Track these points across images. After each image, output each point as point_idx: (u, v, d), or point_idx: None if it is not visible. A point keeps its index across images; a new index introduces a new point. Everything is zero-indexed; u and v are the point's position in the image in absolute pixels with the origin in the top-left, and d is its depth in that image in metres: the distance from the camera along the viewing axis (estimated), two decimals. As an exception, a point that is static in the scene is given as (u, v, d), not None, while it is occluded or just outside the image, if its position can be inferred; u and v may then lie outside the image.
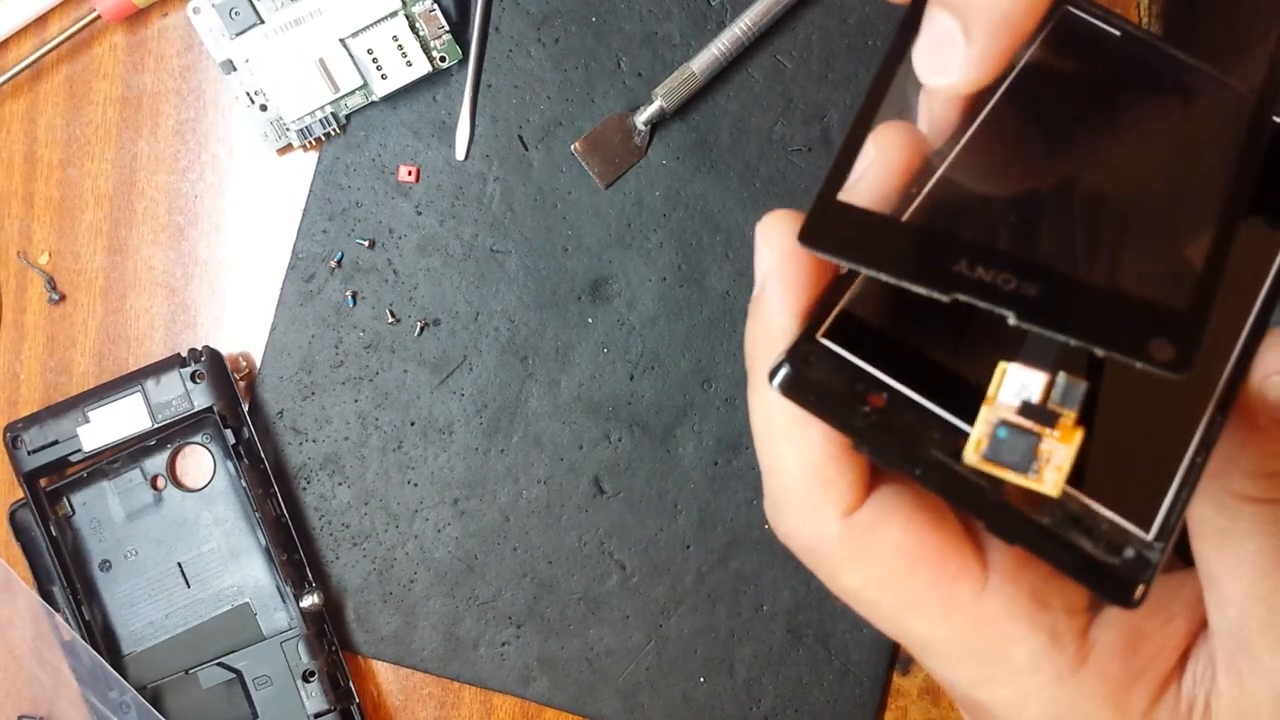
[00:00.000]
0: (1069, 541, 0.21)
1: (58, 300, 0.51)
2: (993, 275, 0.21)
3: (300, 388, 0.50)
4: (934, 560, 0.24)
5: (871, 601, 0.25)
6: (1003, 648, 0.24)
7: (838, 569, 0.25)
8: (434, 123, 0.50)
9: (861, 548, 0.25)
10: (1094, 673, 0.24)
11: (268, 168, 0.51)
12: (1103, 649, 0.25)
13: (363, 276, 0.50)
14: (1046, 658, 0.24)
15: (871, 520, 0.25)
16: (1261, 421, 0.23)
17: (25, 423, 0.48)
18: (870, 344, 0.23)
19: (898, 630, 0.26)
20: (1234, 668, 0.24)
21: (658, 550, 0.50)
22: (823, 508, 0.24)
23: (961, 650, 0.25)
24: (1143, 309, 0.21)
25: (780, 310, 0.24)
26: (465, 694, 0.51)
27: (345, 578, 0.50)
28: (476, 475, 0.50)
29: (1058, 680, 0.24)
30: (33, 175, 0.51)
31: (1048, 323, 0.20)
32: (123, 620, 0.49)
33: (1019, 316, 0.20)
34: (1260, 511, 0.23)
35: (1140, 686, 0.25)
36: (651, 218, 0.50)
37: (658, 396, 0.50)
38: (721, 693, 0.50)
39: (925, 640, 0.25)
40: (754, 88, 0.50)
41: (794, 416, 0.24)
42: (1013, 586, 0.24)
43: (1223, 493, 0.24)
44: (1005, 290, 0.21)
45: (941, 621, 0.25)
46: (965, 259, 0.21)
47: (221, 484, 0.50)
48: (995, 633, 0.24)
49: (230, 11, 0.49)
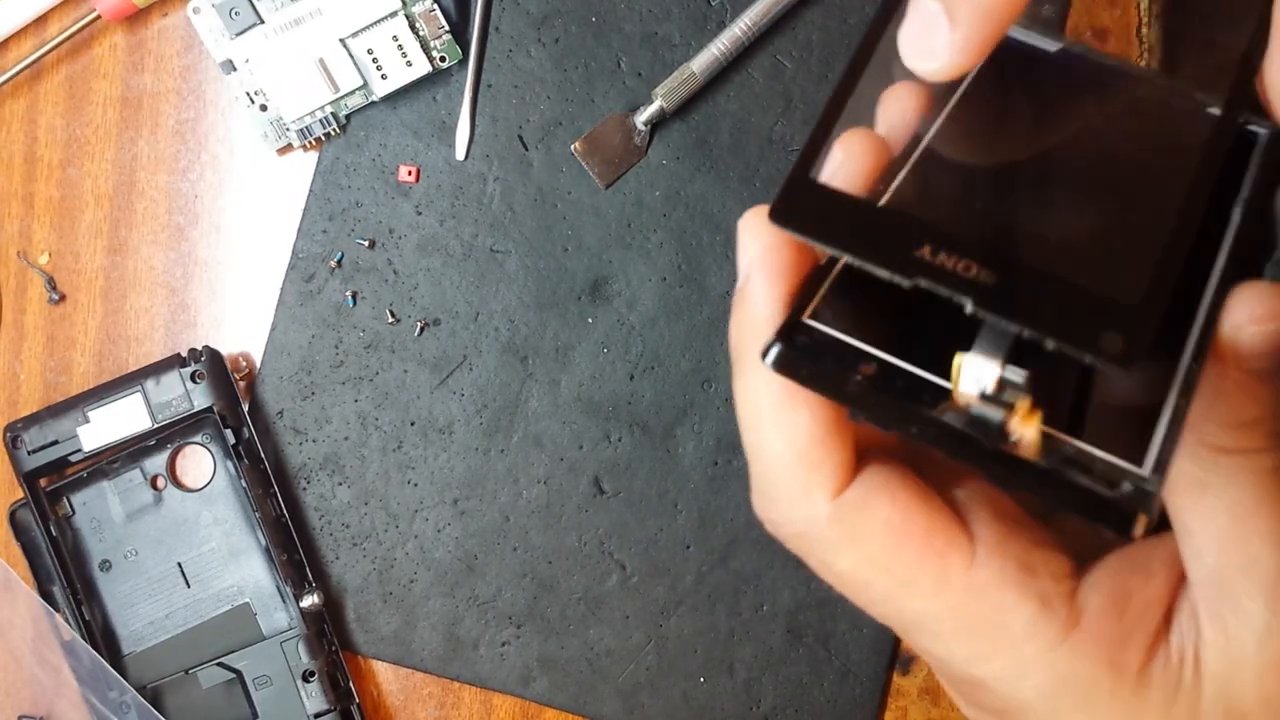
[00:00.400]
0: (1069, 480, 0.22)
1: (58, 300, 0.51)
2: (954, 262, 0.21)
3: (300, 388, 0.50)
4: (923, 535, 0.25)
5: (865, 584, 0.25)
6: (997, 618, 0.25)
7: (830, 552, 0.25)
8: (434, 123, 0.50)
9: (851, 528, 0.25)
10: (1086, 636, 0.25)
11: (268, 168, 0.51)
12: (1092, 611, 0.25)
13: (363, 276, 0.50)
14: (1040, 625, 0.25)
15: (860, 499, 0.25)
16: (1233, 373, 0.23)
17: (25, 423, 0.48)
18: (855, 322, 0.24)
19: (893, 612, 0.26)
20: (1217, 615, 0.25)
21: (658, 550, 0.50)
22: (811, 490, 0.25)
23: (957, 625, 0.25)
24: (1095, 301, 0.21)
25: (764, 299, 0.25)
26: (465, 694, 0.51)
27: (345, 578, 0.50)
28: (476, 475, 0.50)
29: (1053, 647, 0.25)
30: (33, 175, 0.51)
31: (1002, 311, 0.21)
32: (123, 620, 0.49)
33: (975, 304, 0.21)
34: (1234, 462, 0.24)
35: (1132, 645, 0.25)
36: (651, 218, 0.50)
37: (658, 396, 0.50)
38: (721, 693, 0.50)
39: (921, 618, 0.25)
40: (754, 88, 0.50)
41: (780, 400, 0.25)
42: (1000, 557, 0.25)
43: (1197, 445, 0.24)
44: (965, 277, 0.21)
45: (935, 597, 0.25)
46: (929, 244, 0.22)
47: (221, 484, 0.50)
48: (989, 604, 0.25)
49: (230, 11, 0.49)
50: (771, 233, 0.24)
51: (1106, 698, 0.25)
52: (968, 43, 0.22)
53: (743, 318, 0.25)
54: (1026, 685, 0.25)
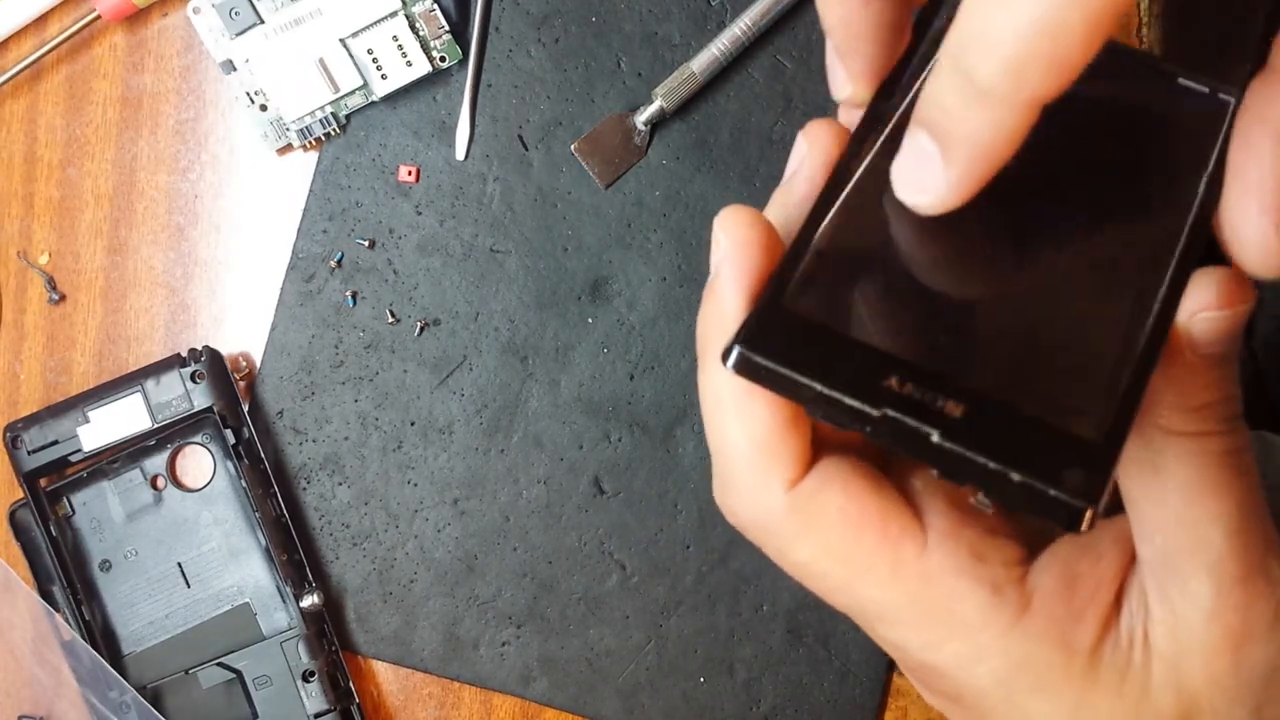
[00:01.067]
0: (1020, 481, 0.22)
1: (58, 300, 0.51)
2: (920, 393, 0.22)
3: (300, 388, 0.50)
4: (878, 524, 0.25)
5: (823, 574, 0.26)
6: (950, 605, 0.25)
7: (788, 543, 0.26)
8: (434, 123, 0.50)
9: (808, 518, 0.25)
10: (1037, 618, 0.25)
11: (268, 168, 0.51)
12: (1042, 594, 0.26)
13: (363, 276, 0.50)
14: (991, 610, 0.25)
15: (815, 489, 0.25)
16: (1188, 358, 0.24)
17: (25, 423, 0.48)
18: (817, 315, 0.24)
19: (850, 601, 0.26)
20: (1165, 595, 0.25)
21: (658, 550, 0.50)
22: (769, 480, 0.25)
23: (911, 612, 0.26)
24: (1057, 437, 0.22)
25: (731, 295, 0.25)
26: (465, 694, 0.51)
27: (345, 578, 0.50)
28: (476, 475, 0.50)
29: (1005, 631, 0.25)
30: (33, 175, 0.51)
31: (968, 445, 0.22)
32: (123, 620, 0.49)
33: (942, 436, 0.22)
34: (1186, 444, 0.24)
35: (1084, 625, 0.25)
36: (651, 218, 0.50)
37: (658, 396, 0.50)
38: (721, 693, 0.50)
39: (878, 606, 0.26)
40: (754, 88, 0.50)
41: (740, 393, 0.25)
42: (952, 543, 0.25)
43: (1150, 428, 0.25)
44: (931, 409, 0.22)
45: (890, 584, 0.25)
46: (895, 375, 0.23)
47: (221, 484, 0.50)
48: (942, 591, 0.25)
49: (230, 11, 0.49)
50: (744, 230, 0.25)
51: (1060, 678, 0.25)
52: (961, 183, 0.22)
53: (709, 312, 0.26)
54: (981, 670, 0.25)
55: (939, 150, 0.22)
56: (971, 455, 0.22)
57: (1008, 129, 0.21)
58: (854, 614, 0.27)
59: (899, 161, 0.24)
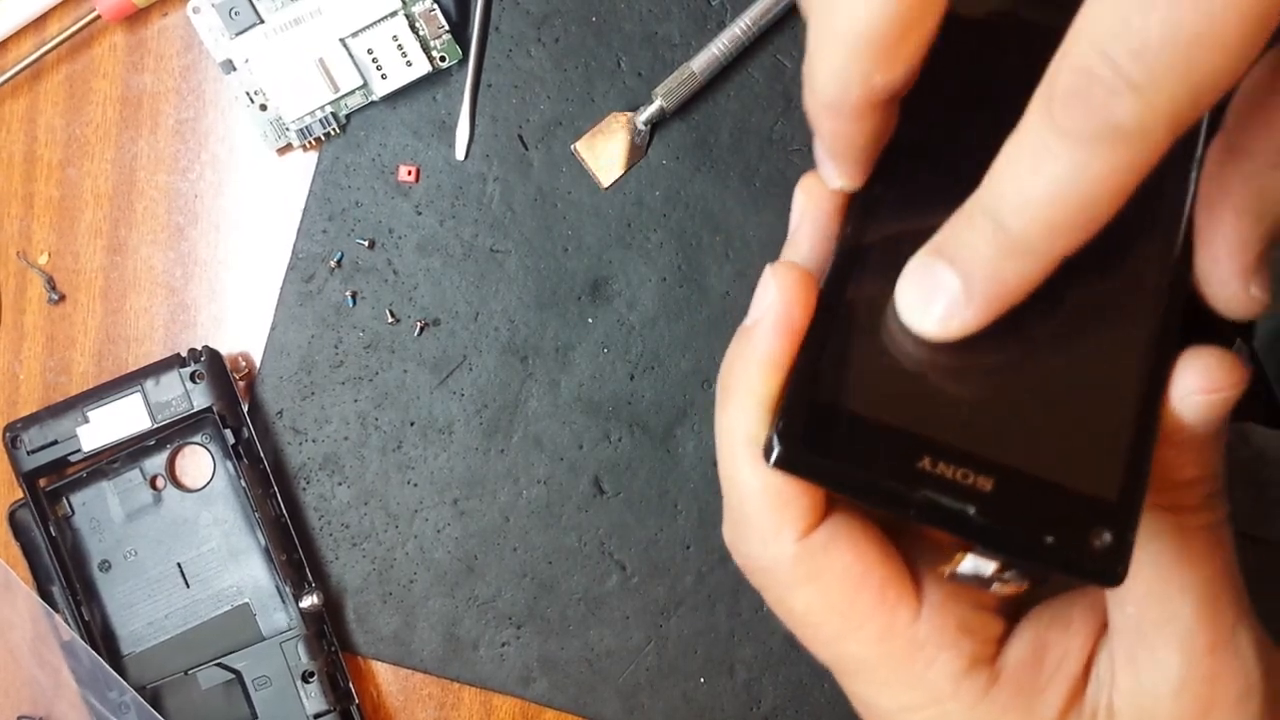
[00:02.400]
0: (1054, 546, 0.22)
1: (57, 300, 0.51)
2: (952, 471, 0.23)
3: (300, 388, 0.50)
4: (878, 587, 0.26)
5: (816, 624, 0.27)
6: (928, 674, 0.26)
7: (788, 590, 0.27)
8: (434, 123, 0.50)
9: (814, 569, 0.26)
10: (1005, 688, 0.26)
11: (268, 168, 0.51)
12: (1011, 665, 0.26)
13: (363, 276, 0.50)
14: (965, 681, 0.26)
15: (824, 543, 0.26)
16: (1174, 437, 0.24)
17: (25, 423, 0.48)
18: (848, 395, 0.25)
19: (836, 653, 0.27)
20: (1132, 661, 0.26)
21: (658, 550, 0.50)
22: (782, 528, 0.26)
23: (890, 675, 0.26)
24: (1082, 502, 0.23)
25: (765, 348, 0.25)
26: (465, 694, 0.51)
27: (345, 578, 0.50)
28: (476, 475, 0.50)
29: (974, 704, 0.26)
30: (32, 175, 0.51)
31: (1003, 518, 0.22)
32: (122, 620, 0.49)
33: (978, 512, 0.22)
34: (1165, 518, 0.25)
35: (1049, 694, 0.26)
36: (651, 218, 0.50)
37: (658, 396, 0.50)
38: (721, 693, 0.50)
39: (859, 664, 0.27)
40: (754, 88, 0.50)
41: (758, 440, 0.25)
42: (941, 617, 0.26)
43: None
44: (964, 485, 0.23)
45: (877, 645, 0.26)
46: (928, 455, 0.23)
47: (221, 484, 0.50)
48: (923, 658, 0.26)
49: (230, 11, 0.49)
50: (795, 290, 0.25)
51: None
52: (980, 317, 0.23)
53: (743, 355, 0.26)
54: None
55: (960, 286, 0.23)
56: (1008, 527, 0.22)
57: (1035, 277, 0.22)
58: (834, 666, 0.28)
59: (908, 288, 0.24)
